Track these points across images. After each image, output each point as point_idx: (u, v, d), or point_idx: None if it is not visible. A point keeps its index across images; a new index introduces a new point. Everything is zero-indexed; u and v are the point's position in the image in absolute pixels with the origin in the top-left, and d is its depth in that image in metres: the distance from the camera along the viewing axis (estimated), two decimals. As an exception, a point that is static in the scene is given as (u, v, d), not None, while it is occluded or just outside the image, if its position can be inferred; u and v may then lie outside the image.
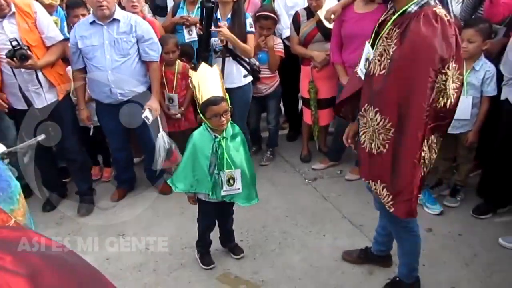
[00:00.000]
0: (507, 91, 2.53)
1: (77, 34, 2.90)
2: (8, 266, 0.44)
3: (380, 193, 1.78)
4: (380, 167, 1.72)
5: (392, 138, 1.64)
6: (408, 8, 1.57)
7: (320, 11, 3.28)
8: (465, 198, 3.01)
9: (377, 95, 1.65)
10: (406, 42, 1.54)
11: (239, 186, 2.27)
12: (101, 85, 2.96)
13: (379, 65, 1.65)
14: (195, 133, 2.29)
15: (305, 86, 3.60)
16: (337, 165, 3.70)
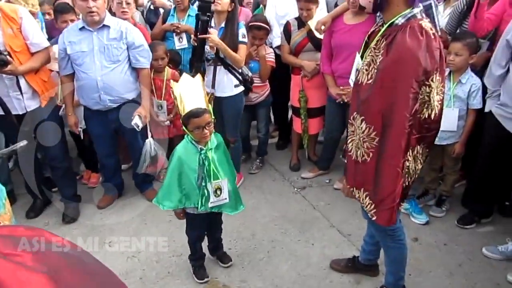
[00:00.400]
0: (490, 103, 2.59)
1: (66, 39, 2.87)
2: (28, 263, 0.45)
3: (363, 201, 1.81)
4: (363, 175, 1.75)
5: (376, 147, 1.67)
6: (396, 21, 1.62)
7: (311, 21, 3.33)
8: (451, 208, 3.06)
9: (363, 104, 1.69)
10: (392, 53, 1.58)
11: (226, 196, 2.25)
12: (90, 92, 2.94)
13: (366, 74, 1.69)
14: (179, 147, 2.23)
15: (295, 95, 3.63)
16: (326, 174, 3.72)
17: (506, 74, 2.45)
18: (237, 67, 3.15)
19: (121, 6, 3.35)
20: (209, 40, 2.92)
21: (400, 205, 1.82)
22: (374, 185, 1.73)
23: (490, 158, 2.63)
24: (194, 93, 2.09)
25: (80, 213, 3.26)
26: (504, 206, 2.99)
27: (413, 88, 1.56)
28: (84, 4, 2.73)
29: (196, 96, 2.09)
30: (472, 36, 2.72)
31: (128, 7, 3.38)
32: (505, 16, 2.72)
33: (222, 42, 2.98)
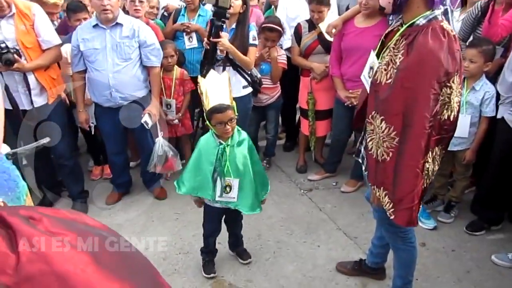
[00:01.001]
0: (503, 109, 2.57)
1: (79, 36, 2.90)
2: (73, 242, 0.48)
3: (382, 200, 1.80)
4: (383, 174, 1.75)
5: (396, 146, 1.67)
6: (417, 21, 1.62)
7: (322, 24, 3.33)
8: (459, 214, 3.03)
9: (383, 104, 1.69)
10: (413, 53, 1.58)
11: (235, 195, 2.25)
12: (101, 88, 2.96)
13: (385, 74, 1.68)
14: (202, 138, 2.30)
15: (303, 97, 3.63)
16: (333, 176, 3.71)
17: (519, 80, 2.44)
18: (247, 69, 3.16)
19: (134, 4, 3.37)
20: (219, 44, 2.93)
21: (419, 206, 1.80)
22: (393, 185, 1.72)
23: (501, 164, 2.61)
24: (219, 89, 2.14)
25: (88, 209, 3.28)
26: (514, 213, 2.97)
27: (434, 89, 1.56)
28: (99, 2, 2.77)
29: (221, 93, 2.13)
30: (488, 43, 2.68)
31: (141, 5, 3.41)
32: (520, 22, 2.70)
33: (232, 44, 2.99)
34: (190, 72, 3.60)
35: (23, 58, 2.72)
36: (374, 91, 1.76)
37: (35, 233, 0.46)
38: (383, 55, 1.74)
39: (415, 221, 1.77)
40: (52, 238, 0.47)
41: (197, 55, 3.72)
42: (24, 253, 0.43)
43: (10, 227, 0.45)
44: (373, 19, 3.05)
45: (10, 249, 0.43)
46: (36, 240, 0.45)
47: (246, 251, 2.66)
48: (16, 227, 0.45)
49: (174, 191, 3.44)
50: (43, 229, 0.48)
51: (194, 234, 2.89)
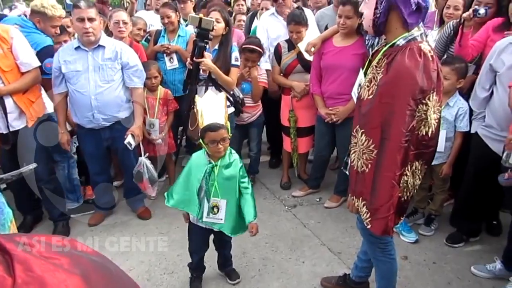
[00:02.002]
0: (476, 124, 2.68)
1: (61, 58, 2.90)
2: (65, 266, 0.51)
3: (360, 210, 1.88)
4: (362, 184, 1.83)
5: (374, 158, 1.75)
6: (397, 42, 1.71)
7: (301, 44, 3.42)
8: (439, 227, 3.10)
9: (364, 118, 1.78)
10: (391, 71, 1.68)
11: (222, 216, 2.25)
12: (84, 110, 2.96)
13: (367, 90, 1.78)
14: (194, 154, 2.33)
15: (285, 115, 3.70)
16: (317, 192, 3.76)
17: (490, 96, 2.55)
18: (229, 89, 3.21)
19: (118, 26, 3.41)
20: (202, 64, 2.98)
21: (399, 219, 1.87)
22: (371, 195, 1.79)
23: (475, 177, 2.70)
24: (215, 109, 2.17)
25: (71, 230, 3.23)
26: (491, 225, 3.05)
27: (410, 105, 1.64)
28: (81, 25, 2.79)
29: (216, 112, 2.17)
30: (461, 61, 2.81)
31: (125, 26, 3.45)
32: (488, 41, 2.83)
33: (215, 64, 3.04)
34: (173, 92, 3.64)
35: (0, 81, 2.69)
36: (358, 106, 1.86)
37: (30, 258, 0.49)
38: (367, 72, 1.83)
39: (390, 230, 1.83)
40: (46, 262, 0.50)
41: (178, 75, 3.78)
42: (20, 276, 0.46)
43: (7, 252, 0.48)
44: (350, 38, 3.15)
45: (7, 273, 0.46)
46: (31, 264, 0.48)
47: (235, 271, 2.65)
48: (12, 252, 0.48)
49: (158, 211, 3.47)
50: (37, 254, 0.51)
51: (179, 253, 2.88)
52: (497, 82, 2.47)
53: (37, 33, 3.08)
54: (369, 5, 1.72)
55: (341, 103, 3.23)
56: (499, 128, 2.48)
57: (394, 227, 1.86)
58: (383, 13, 1.69)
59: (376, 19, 1.71)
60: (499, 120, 2.47)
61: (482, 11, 2.70)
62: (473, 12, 2.71)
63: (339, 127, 3.30)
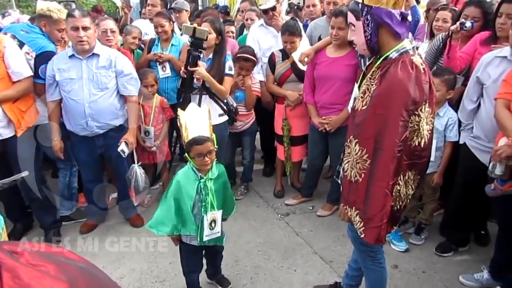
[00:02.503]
0: (464, 135, 2.73)
1: (55, 66, 2.91)
2: (52, 272, 0.52)
3: (353, 219, 1.89)
4: (355, 194, 1.85)
5: (368, 168, 1.77)
6: (390, 55, 1.76)
7: (295, 53, 3.47)
8: (429, 236, 3.14)
9: (357, 128, 1.81)
10: (384, 83, 1.72)
11: (219, 229, 2.24)
12: (77, 118, 2.97)
13: (361, 101, 1.82)
14: (180, 172, 2.25)
15: (279, 123, 3.74)
16: (310, 201, 3.79)
17: (478, 108, 2.60)
18: (222, 98, 3.24)
19: (106, 34, 3.43)
20: (196, 73, 3.02)
21: (392, 228, 1.90)
22: (364, 204, 1.82)
23: (464, 188, 2.74)
24: (199, 122, 2.13)
25: (62, 238, 3.23)
26: (480, 235, 3.09)
27: (403, 116, 1.69)
28: (75, 34, 2.81)
29: (200, 125, 2.13)
30: (450, 73, 2.88)
31: (113, 35, 3.48)
32: (476, 54, 2.89)
33: (209, 73, 3.08)
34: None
35: None
36: (352, 117, 1.90)
37: (18, 266, 0.50)
38: (362, 84, 1.87)
39: (383, 239, 1.86)
40: (34, 269, 0.51)
41: (171, 84, 3.82)
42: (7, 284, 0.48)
43: None
44: (343, 49, 3.21)
45: None
46: (19, 272, 0.49)
47: (225, 277, 2.66)
48: (0, 260, 0.49)
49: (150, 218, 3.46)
50: (25, 261, 0.52)
51: (171, 261, 2.88)
52: (484, 94, 2.53)
53: (41, 38, 3.09)
54: (357, 31, 1.78)
55: (334, 113, 3.27)
56: (487, 140, 2.52)
57: (386, 236, 1.89)
58: (373, 34, 1.74)
59: (369, 41, 1.76)
60: (487, 132, 2.52)
61: (468, 24, 2.77)
62: (460, 25, 2.78)
63: (332, 136, 3.34)
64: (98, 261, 2.94)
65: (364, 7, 1.72)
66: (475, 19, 2.94)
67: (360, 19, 1.74)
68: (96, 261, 2.93)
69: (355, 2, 1.76)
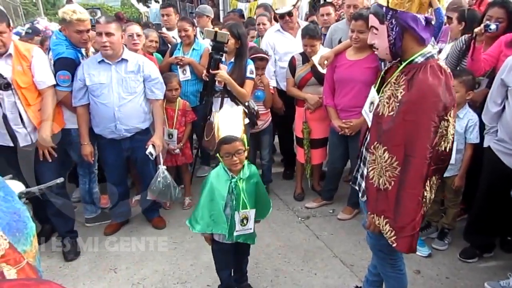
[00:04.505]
0: (488, 139, 2.67)
1: (86, 71, 3.01)
2: None
3: (383, 228, 1.84)
4: (385, 202, 1.80)
5: (398, 176, 1.73)
6: (415, 59, 1.73)
7: (315, 57, 3.48)
8: (453, 241, 3.08)
9: (386, 134, 1.77)
10: (414, 89, 1.68)
11: (251, 226, 2.28)
12: (106, 121, 3.07)
13: (387, 107, 1.78)
14: (212, 172, 2.29)
15: (299, 126, 3.75)
16: (330, 204, 3.78)
17: (502, 111, 2.55)
18: (243, 101, 3.28)
19: (132, 39, 3.52)
20: (218, 76, 3.07)
21: (418, 234, 1.85)
22: (394, 213, 1.77)
23: (488, 192, 2.68)
24: (231, 123, 2.19)
25: (87, 239, 3.30)
26: (506, 241, 3.01)
27: (434, 122, 1.66)
28: (99, 39, 2.93)
29: (232, 126, 2.18)
30: (468, 73, 2.83)
31: (139, 38, 3.56)
32: (501, 56, 2.82)
33: (230, 76, 3.13)
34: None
35: (16, 97, 2.77)
36: (377, 123, 1.84)
37: None
38: (384, 89, 1.84)
39: (415, 247, 1.82)
40: None
41: (191, 87, 3.90)
42: None
43: None
44: (363, 52, 3.19)
45: None
46: None
47: (250, 286, 2.66)
48: None
49: (172, 220, 3.54)
50: None
51: (192, 263, 2.93)
52: (509, 97, 2.47)
53: (61, 44, 3.15)
54: (380, 35, 1.74)
55: (354, 116, 3.25)
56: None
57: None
58: (397, 38, 1.71)
59: (392, 46, 1.73)
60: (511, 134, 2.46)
61: (493, 26, 2.72)
62: (485, 27, 2.73)
63: (352, 139, 3.32)
64: (122, 262, 3.02)
65: (388, 11, 1.69)
66: (499, 20, 2.88)
67: (384, 23, 1.71)
68: (120, 262, 3.01)
69: (379, 5, 1.74)
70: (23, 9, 18.23)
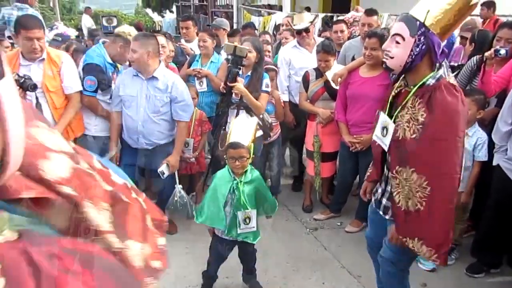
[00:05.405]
0: (498, 157, 2.74)
1: (122, 81, 3.16)
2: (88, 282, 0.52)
3: (418, 250, 1.85)
4: (417, 223, 1.82)
5: (429, 195, 1.76)
6: (427, 82, 1.81)
7: (329, 72, 3.58)
8: (460, 257, 3.13)
9: (412, 156, 1.80)
10: (437, 110, 1.74)
11: (254, 224, 2.47)
12: (131, 132, 3.19)
13: (408, 130, 1.82)
14: (218, 173, 2.54)
15: (310, 139, 3.83)
16: (338, 217, 3.84)
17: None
18: (258, 113, 3.39)
19: None
20: (235, 88, 3.19)
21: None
22: (430, 232, 1.80)
23: (497, 209, 2.74)
24: (242, 131, 2.40)
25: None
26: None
27: (460, 137, 1.75)
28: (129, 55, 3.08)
29: (242, 133, 2.39)
30: (480, 93, 2.91)
31: (163, 49, 3.66)
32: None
33: (247, 89, 3.24)
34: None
35: (44, 100, 2.94)
36: (397, 147, 1.88)
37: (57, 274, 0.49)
38: (399, 114, 1.89)
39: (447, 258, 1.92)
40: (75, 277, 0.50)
41: (206, 98, 3.99)
42: None
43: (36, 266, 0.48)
44: (376, 70, 3.29)
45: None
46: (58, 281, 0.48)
47: (259, 284, 2.78)
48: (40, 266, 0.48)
49: (183, 226, 3.61)
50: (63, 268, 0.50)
51: (203, 268, 3.00)
52: (520, 117, 2.55)
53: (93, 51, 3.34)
54: (404, 46, 1.76)
55: (365, 131, 3.33)
56: (521, 162, 2.54)
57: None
58: (419, 56, 1.77)
59: (411, 61, 1.78)
60: (521, 154, 2.53)
61: (503, 51, 2.81)
62: (495, 52, 2.82)
63: (362, 154, 3.40)
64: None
65: (421, 27, 1.73)
66: (509, 40, 2.98)
67: (414, 36, 1.74)
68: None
69: (413, 17, 1.76)
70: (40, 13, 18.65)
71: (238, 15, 10.19)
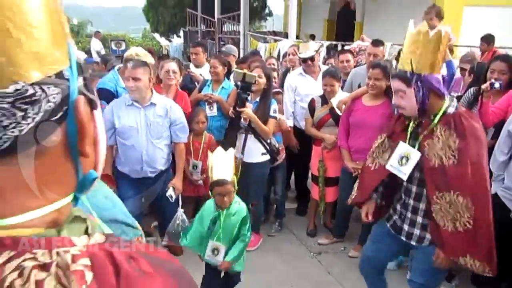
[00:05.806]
0: (495, 186, 2.82)
1: (115, 113, 3.05)
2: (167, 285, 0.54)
3: (472, 266, 1.99)
4: (465, 241, 1.97)
5: (475, 213, 1.93)
6: (447, 110, 2.00)
7: (334, 99, 3.71)
8: (460, 284, 3.17)
9: (456, 181, 1.95)
10: (469, 136, 1.94)
11: (221, 259, 2.52)
12: (134, 163, 3.13)
13: (445, 157, 1.97)
14: (208, 201, 2.62)
15: (315, 164, 3.93)
16: (341, 241, 3.90)
17: (509, 160, 2.73)
18: (266, 138, 3.51)
19: (168, 74, 3.72)
20: (244, 113, 3.32)
21: None
22: (479, 246, 1.96)
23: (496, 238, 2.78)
24: (223, 164, 2.46)
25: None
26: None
27: (485, 156, 1.98)
28: (127, 83, 3.00)
29: (224, 168, 2.45)
30: None
31: (175, 75, 3.76)
32: (509, 109, 3.03)
33: (255, 114, 3.37)
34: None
35: None
36: (431, 175, 2.02)
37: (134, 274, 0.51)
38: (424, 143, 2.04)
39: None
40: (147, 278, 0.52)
41: (215, 123, 4.09)
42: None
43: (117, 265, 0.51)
44: (378, 99, 3.42)
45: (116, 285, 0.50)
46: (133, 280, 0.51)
47: None
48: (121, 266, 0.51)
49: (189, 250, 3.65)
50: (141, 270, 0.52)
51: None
52: (516, 147, 2.66)
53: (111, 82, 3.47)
54: (408, 97, 1.98)
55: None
56: (518, 191, 2.63)
57: None
58: (425, 98, 1.96)
59: (421, 105, 1.97)
60: (518, 183, 2.63)
61: (497, 85, 2.96)
62: (490, 85, 2.97)
63: (363, 179, 3.49)
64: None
65: (413, 75, 1.93)
66: (502, 72, 3.12)
67: (411, 86, 1.94)
68: None
69: (403, 70, 1.96)
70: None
71: (245, 41, 10.46)
